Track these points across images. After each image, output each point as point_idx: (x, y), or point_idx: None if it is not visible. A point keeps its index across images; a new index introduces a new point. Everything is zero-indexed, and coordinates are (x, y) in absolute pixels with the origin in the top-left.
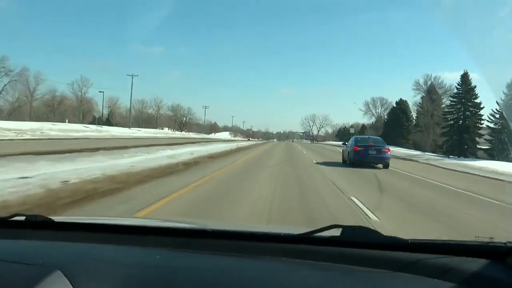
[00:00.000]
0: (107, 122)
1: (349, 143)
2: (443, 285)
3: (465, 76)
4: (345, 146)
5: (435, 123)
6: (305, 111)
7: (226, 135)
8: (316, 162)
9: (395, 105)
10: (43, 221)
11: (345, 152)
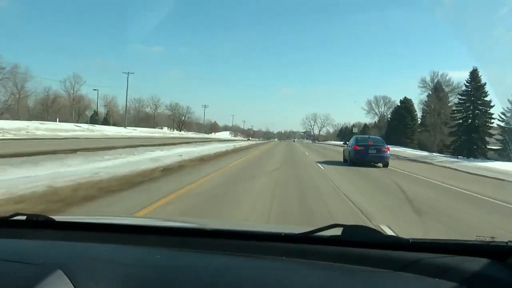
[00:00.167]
0: (105, 121)
1: (349, 142)
2: (444, 284)
3: (474, 73)
4: (346, 145)
5: (442, 122)
6: (306, 111)
7: (226, 135)
8: (319, 162)
9: (399, 104)
10: (44, 221)
11: (345, 151)
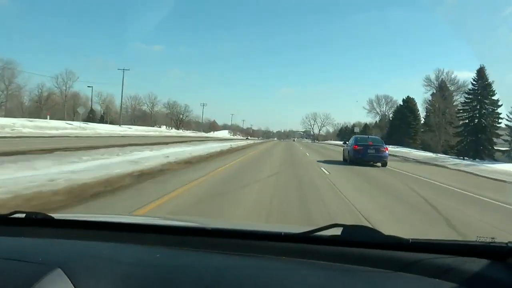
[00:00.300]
0: (102, 120)
1: (349, 142)
2: (444, 285)
3: (481, 71)
4: (346, 145)
5: (447, 122)
6: (306, 110)
7: (225, 134)
8: (319, 161)
9: (401, 103)
10: (43, 219)
11: (345, 151)
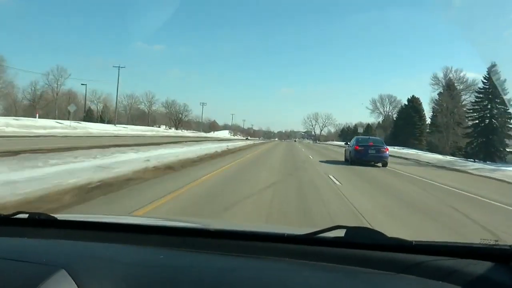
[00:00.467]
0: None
1: (351, 142)
2: (447, 287)
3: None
4: (347, 145)
5: (455, 122)
6: (307, 111)
7: (225, 134)
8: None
9: (406, 103)
10: (45, 219)
11: (347, 151)
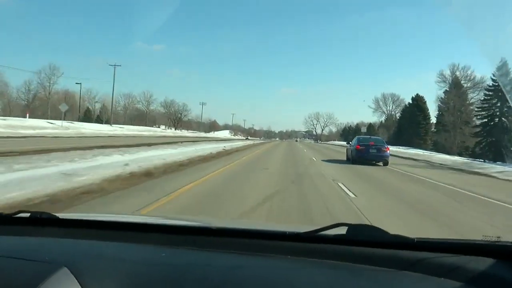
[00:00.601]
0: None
1: (352, 142)
2: (449, 284)
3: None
4: (349, 145)
5: (463, 121)
6: (308, 110)
7: (226, 134)
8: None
9: (410, 102)
10: (47, 218)
11: (348, 150)
